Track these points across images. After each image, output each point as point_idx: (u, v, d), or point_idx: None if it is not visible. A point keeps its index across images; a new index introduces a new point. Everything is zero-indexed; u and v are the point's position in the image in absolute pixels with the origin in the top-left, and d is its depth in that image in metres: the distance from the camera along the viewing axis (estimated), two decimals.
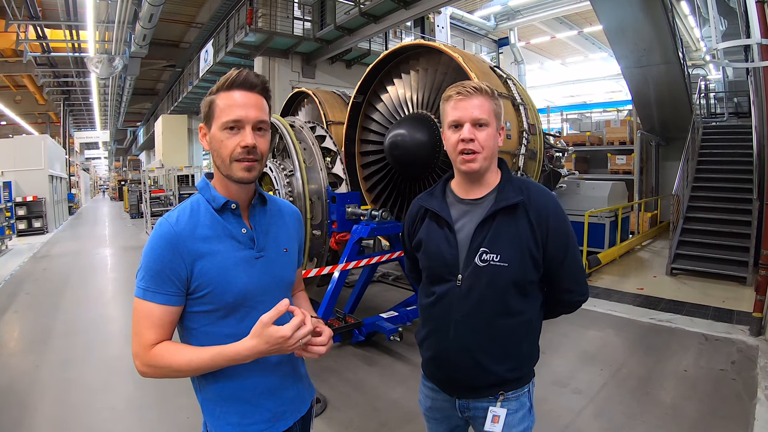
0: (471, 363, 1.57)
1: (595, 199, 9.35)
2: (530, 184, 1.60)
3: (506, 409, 1.58)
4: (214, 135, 1.32)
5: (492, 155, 1.55)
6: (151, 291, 1.27)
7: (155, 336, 1.27)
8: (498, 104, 1.56)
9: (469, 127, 1.50)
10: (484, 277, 1.51)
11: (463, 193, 1.61)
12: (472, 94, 1.51)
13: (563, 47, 26.47)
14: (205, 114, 1.34)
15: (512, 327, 1.56)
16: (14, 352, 5.26)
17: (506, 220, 1.52)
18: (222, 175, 1.36)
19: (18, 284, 8.48)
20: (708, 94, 13.78)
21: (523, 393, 1.62)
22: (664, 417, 3.59)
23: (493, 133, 1.53)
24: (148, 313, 1.27)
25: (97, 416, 3.75)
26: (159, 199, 15.96)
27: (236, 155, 1.30)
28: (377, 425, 3.55)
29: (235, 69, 1.34)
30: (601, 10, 9.24)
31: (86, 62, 16.23)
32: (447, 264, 1.57)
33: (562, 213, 1.59)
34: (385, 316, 4.78)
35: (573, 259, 1.59)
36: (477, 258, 1.52)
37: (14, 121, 28.54)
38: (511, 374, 1.59)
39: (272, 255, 1.43)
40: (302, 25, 13.16)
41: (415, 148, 5.15)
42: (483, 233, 1.52)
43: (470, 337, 1.56)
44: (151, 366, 1.26)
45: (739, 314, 5.76)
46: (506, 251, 1.50)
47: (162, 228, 1.30)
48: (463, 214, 1.59)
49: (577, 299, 1.66)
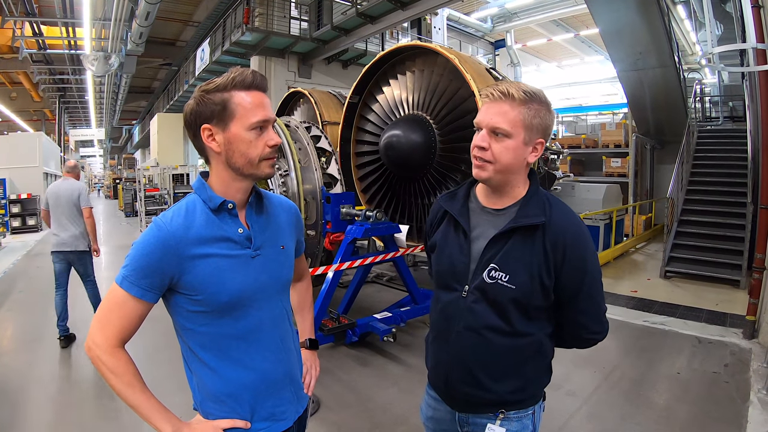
0: (467, 377, 1.51)
1: (590, 202, 9.39)
2: (555, 204, 1.47)
3: (505, 429, 1.51)
4: (239, 135, 1.29)
5: (509, 170, 1.41)
6: (129, 281, 1.26)
7: (119, 329, 1.28)
8: (534, 114, 1.38)
9: (485, 133, 1.40)
10: (489, 294, 1.44)
11: (486, 200, 1.52)
12: (498, 98, 1.38)
13: (560, 50, 26.53)
14: (216, 113, 1.29)
15: (514, 347, 1.48)
16: (7, 350, 5.23)
17: (522, 240, 1.42)
18: (240, 174, 1.34)
19: (11, 282, 8.42)
20: (703, 97, 13.84)
21: (526, 415, 1.54)
22: (656, 419, 3.60)
23: (514, 145, 1.37)
24: (121, 301, 1.27)
25: (91, 414, 3.74)
26: (154, 198, 15.89)
27: (266, 154, 1.32)
28: (370, 426, 3.54)
29: (240, 68, 1.33)
30: (597, 13, 9.29)
31: (82, 60, 16.19)
32: (456, 272, 1.50)
33: (584, 240, 1.46)
34: (379, 317, 4.77)
35: (590, 292, 1.46)
36: (486, 273, 1.44)
37: (9, 118, 28.42)
38: (511, 396, 1.51)
39: (269, 253, 1.41)
40: (299, 25, 13.18)
41: (411, 149, 5.15)
42: (496, 249, 1.44)
43: (468, 350, 1.50)
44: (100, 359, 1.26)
45: (733, 317, 5.78)
46: (516, 273, 1.41)
47: (156, 228, 1.29)
48: (481, 223, 1.50)
49: (589, 337, 1.53)
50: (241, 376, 1.36)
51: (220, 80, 1.30)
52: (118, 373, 1.26)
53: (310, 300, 1.85)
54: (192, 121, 1.33)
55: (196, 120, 1.32)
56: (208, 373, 1.35)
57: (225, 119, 1.29)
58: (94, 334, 1.28)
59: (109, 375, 1.26)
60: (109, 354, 1.26)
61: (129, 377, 1.27)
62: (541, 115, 1.39)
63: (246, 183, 1.37)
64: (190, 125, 1.34)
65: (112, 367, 1.26)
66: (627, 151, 12.59)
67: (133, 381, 1.28)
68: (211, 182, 1.38)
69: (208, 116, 1.30)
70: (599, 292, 1.49)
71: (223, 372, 1.35)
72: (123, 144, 45.48)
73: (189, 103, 1.33)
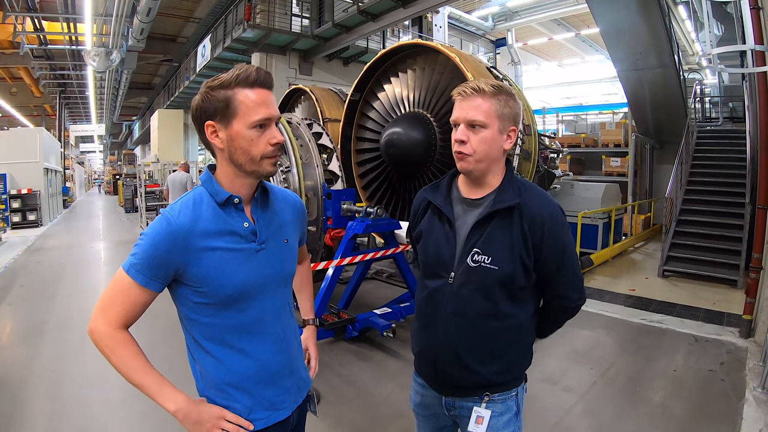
0: (455, 361, 1.57)
1: (589, 201, 9.40)
2: (530, 188, 1.58)
3: (491, 411, 1.59)
4: (241, 133, 1.31)
5: (487, 158, 1.52)
6: (136, 269, 1.29)
7: (122, 314, 1.31)
8: (504, 104, 1.50)
9: (463, 128, 1.51)
10: (474, 278, 1.52)
11: (466, 191, 1.62)
12: (471, 94, 1.49)
13: (560, 49, 26.53)
14: (219, 110, 1.31)
15: (500, 330, 1.56)
16: (8, 344, 5.26)
17: (501, 223, 1.52)
18: (243, 171, 1.37)
19: (12, 277, 8.47)
20: (703, 98, 13.85)
21: (510, 396, 1.62)
22: (652, 415, 3.63)
23: (490, 135, 1.49)
24: (126, 287, 1.30)
25: (92, 408, 3.76)
26: (154, 194, 15.91)
27: (267, 153, 1.34)
28: (369, 420, 3.58)
29: (245, 64, 1.35)
30: (598, 13, 9.29)
31: (83, 55, 16.17)
32: (442, 260, 1.58)
33: (560, 219, 1.56)
34: (379, 313, 4.81)
35: (569, 266, 1.57)
36: (469, 258, 1.53)
37: (9, 114, 28.33)
38: (497, 377, 1.59)
39: (273, 247, 1.44)
40: (300, 22, 13.18)
41: (411, 146, 5.17)
42: (477, 234, 1.53)
43: (456, 335, 1.56)
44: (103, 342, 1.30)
45: (730, 316, 5.81)
46: (497, 254, 1.50)
47: (164, 220, 1.32)
48: (463, 213, 1.60)
49: (574, 305, 1.64)
50: (243, 366, 1.39)
51: (225, 77, 1.32)
52: (120, 354, 1.29)
53: (311, 280, 1.89)
54: (197, 116, 1.35)
55: (200, 116, 1.34)
56: (211, 362, 1.38)
57: (228, 116, 1.31)
58: (96, 318, 1.31)
59: (112, 356, 1.29)
60: (110, 336, 1.29)
61: (132, 357, 1.30)
62: (510, 105, 1.52)
63: (250, 179, 1.40)
64: (196, 120, 1.37)
65: (114, 348, 1.29)
66: (626, 150, 12.59)
67: (136, 361, 1.30)
68: (218, 176, 1.40)
69: (211, 113, 1.32)
70: (576, 265, 1.62)
71: (226, 362, 1.38)
72: (123, 140, 45.39)
73: (195, 99, 1.36)
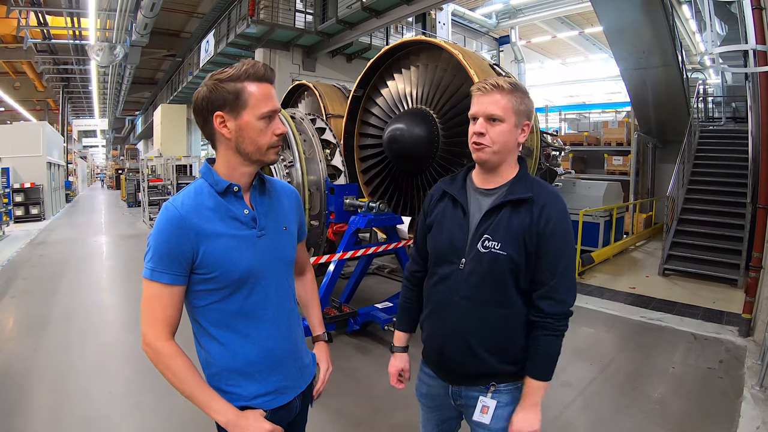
0: (463, 346, 1.61)
1: (591, 199, 9.41)
2: (543, 186, 1.64)
3: (496, 401, 1.61)
4: (250, 124, 1.37)
5: (504, 150, 1.59)
6: (158, 271, 1.33)
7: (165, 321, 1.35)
8: (520, 100, 1.58)
9: (482, 121, 1.57)
10: (485, 263, 1.56)
11: (480, 182, 1.68)
12: (490, 90, 1.57)
13: (564, 47, 26.48)
14: (229, 101, 1.36)
15: (507, 318, 1.59)
16: (11, 336, 5.29)
17: (511, 212, 1.57)
18: (248, 160, 1.43)
19: (15, 270, 8.51)
20: (706, 98, 13.83)
21: (515, 387, 1.63)
22: (651, 412, 3.66)
23: (507, 128, 1.57)
24: (157, 293, 1.34)
25: (95, 400, 3.80)
26: (157, 189, 15.95)
27: (273, 143, 1.43)
28: (370, 412, 3.62)
29: (251, 60, 1.41)
30: (601, 11, 9.29)
31: (87, 50, 16.18)
32: (454, 246, 1.63)
33: (567, 221, 1.60)
34: (380, 307, 4.84)
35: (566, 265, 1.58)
36: (480, 244, 1.57)
37: (13, 108, 28.37)
38: (503, 367, 1.61)
39: (273, 234, 1.50)
40: (304, 18, 13.15)
41: (413, 142, 5.20)
42: (488, 221, 1.59)
43: (465, 320, 1.60)
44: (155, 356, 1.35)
45: (729, 315, 5.83)
46: (506, 240, 1.55)
47: (168, 211, 1.36)
48: (476, 202, 1.66)
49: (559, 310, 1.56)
50: (248, 352, 1.44)
51: (233, 70, 1.37)
52: (174, 369, 1.33)
53: (317, 294, 1.93)
54: (204, 107, 1.39)
55: (208, 106, 1.38)
56: (217, 348, 1.43)
57: (237, 108, 1.36)
58: (145, 335, 1.35)
59: (167, 371, 1.34)
60: (160, 349, 1.34)
61: (185, 371, 1.34)
62: (525, 101, 1.60)
63: (252, 168, 1.46)
64: (201, 111, 1.40)
65: (168, 364, 1.33)
66: (629, 149, 12.60)
67: (189, 375, 1.35)
68: (217, 167, 1.46)
69: (221, 104, 1.36)
70: (574, 268, 1.65)
71: (232, 347, 1.43)
72: (126, 135, 45.42)
73: (200, 90, 1.39)
